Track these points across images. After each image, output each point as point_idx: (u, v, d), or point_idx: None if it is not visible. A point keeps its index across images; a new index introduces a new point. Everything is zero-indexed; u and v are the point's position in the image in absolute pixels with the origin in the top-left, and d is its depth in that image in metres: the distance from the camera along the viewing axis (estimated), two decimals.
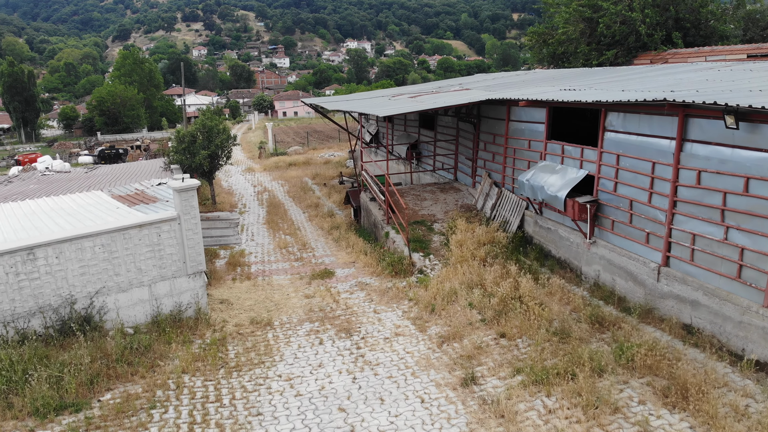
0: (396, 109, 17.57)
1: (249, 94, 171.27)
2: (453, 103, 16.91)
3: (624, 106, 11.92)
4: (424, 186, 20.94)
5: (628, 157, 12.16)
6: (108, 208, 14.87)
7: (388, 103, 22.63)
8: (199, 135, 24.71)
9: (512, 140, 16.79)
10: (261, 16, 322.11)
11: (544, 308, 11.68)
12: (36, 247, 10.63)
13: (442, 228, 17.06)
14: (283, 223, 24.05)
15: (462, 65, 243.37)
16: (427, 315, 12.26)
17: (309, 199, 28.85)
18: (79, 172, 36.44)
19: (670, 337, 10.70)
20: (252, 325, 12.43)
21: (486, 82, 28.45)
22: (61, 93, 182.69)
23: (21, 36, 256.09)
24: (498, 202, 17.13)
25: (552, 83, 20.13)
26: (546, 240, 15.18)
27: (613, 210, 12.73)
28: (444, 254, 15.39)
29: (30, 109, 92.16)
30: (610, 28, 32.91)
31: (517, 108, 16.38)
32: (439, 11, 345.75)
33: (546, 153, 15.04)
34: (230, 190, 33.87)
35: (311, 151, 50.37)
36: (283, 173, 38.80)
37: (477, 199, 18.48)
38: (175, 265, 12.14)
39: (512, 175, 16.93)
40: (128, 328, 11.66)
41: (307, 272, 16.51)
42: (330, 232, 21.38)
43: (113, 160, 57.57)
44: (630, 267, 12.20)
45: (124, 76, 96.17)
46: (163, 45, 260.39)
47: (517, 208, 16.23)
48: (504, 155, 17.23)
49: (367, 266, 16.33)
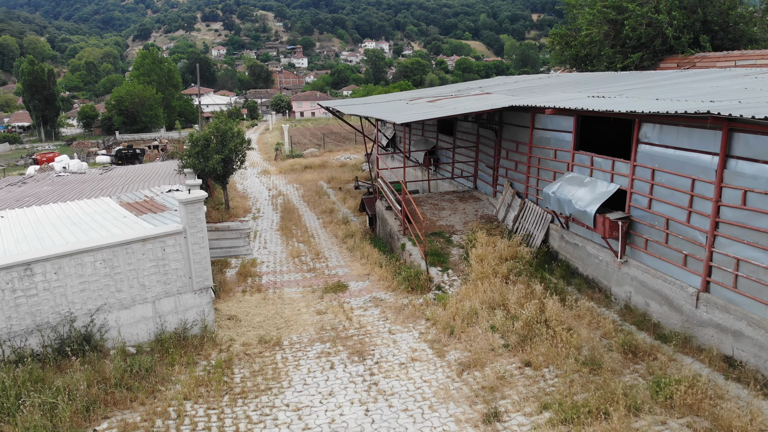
0: (414, 116, 16.83)
1: (267, 94, 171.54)
2: (475, 109, 16.14)
3: (661, 118, 11.06)
4: (443, 194, 20.16)
5: (664, 172, 11.29)
6: (114, 217, 14.34)
7: (405, 107, 21.91)
8: (212, 139, 24.20)
9: (537, 149, 15.96)
10: (280, 16, 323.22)
11: (572, 334, 10.87)
12: (34, 262, 10.08)
13: (461, 240, 16.29)
14: (296, 229, 23.44)
15: (480, 66, 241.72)
16: (445, 338, 11.51)
17: (324, 204, 28.23)
18: (93, 174, 36.27)
19: (709, 370, 9.85)
20: (260, 344, 11.78)
21: (507, 85, 27.59)
22: (81, 92, 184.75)
23: (43, 35, 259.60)
24: (521, 214, 16.31)
25: (578, 88, 19.26)
26: (573, 256, 14.34)
27: (646, 228, 11.87)
28: (463, 269, 14.62)
29: (50, 108, 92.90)
30: (635, 30, 31.95)
31: (542, 115, 15.55)
32: (458, 11, 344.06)
33: (573, 164, 14.20)
34: (245, 193, 33.38)
35: (327, 153, 49.81)
36: (299, 176, 38.25)
37: (498, 210, 17.67)
38: (180, 281, 11.53)
39: (536, 186, 16.10)
40: (130, 346, 11.07)
41: (320, 285, 15.84)
42: (344, 241, 20.71)
43: (130, 160, 57.62)
44: (665, 291, 11.33)
45: (143, 75, 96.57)
46: (183, 44, 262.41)
47: (542, 221, 15.41)
48: (528, 165, 16.41)
49: (382, 280, 15.62)
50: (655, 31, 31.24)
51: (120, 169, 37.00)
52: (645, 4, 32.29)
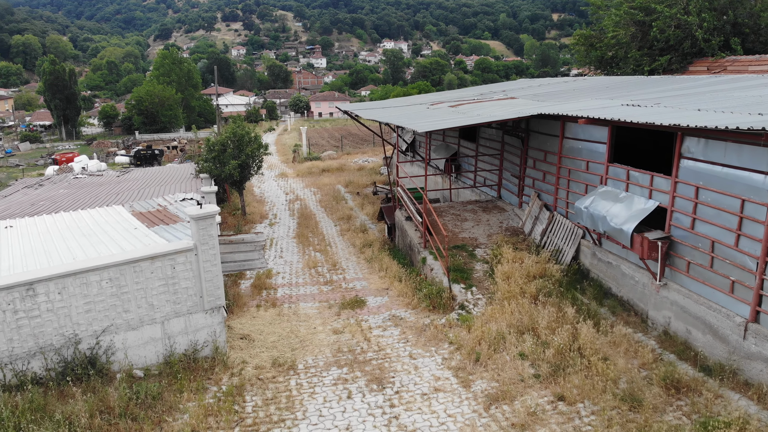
0: (436, 123, 16.09)
1: (286, 94, 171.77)
2: (501, 117, 15.35)
3: (707, 132, 10.21)
4: (465, 204, 19.39)
5: (709, 190, 10.43)
6: (125, 228, 13.84)
7: (426, 112, 21.19)
8: (229, 143, 23.70)
9: (567, 159, 15.14)
10: (299, 16, 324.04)
11: (608, 364, 10.08)
12: (36, 282, 9.55)
13: (485, 255, 15.52)
14: (313, 237, 22.85)
15: (500, 66, 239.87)
16: (470, 365, 10.77)
17: (341, 210, 27.62)
18: (111, 176, 36.09)
19: (758, 408, 9.00)
20: (274, 367, 11.16)
21: (531, 89, 26.73)
22: (102, 91, 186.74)
23: (65, 34, 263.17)
24: (549, 227, 15.50)
25: (608, 94, 18.39)
26: (606, 275, 13.50)
27: (689, 250, 11.01)
28: (488, 287, 13.86)
29: (71, 107, 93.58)
30: (663, 32, 30.97)
31: (573, 124, 14.72)
32: (478, 11, 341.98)
33: (607, 177, 13.36)
34: (262, 197, 32.91)
35: (345, 156, 49.23)
36: (316, 180, 37.71)
37: (524, 222, 16.87)
38: (190, 300, 10.95)
39: (566, 198, 15.26)
40: (137, 369, 10.52)
41: (337, 300, 15.19)
42: (362, 251, 20.05)
43: (149, 161, 57.66)
44: (709, 318, 10.48)
45: (163, 75, 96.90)
46: (203, 44, 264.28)
47: (572, 237, 14.59)
48: (557, 175, 15.58)
49: (401, 295, 14.92)
50: (684, 33, 30.28)
51: (137, 171, 36.78)
52: (674, 6, 31.29)
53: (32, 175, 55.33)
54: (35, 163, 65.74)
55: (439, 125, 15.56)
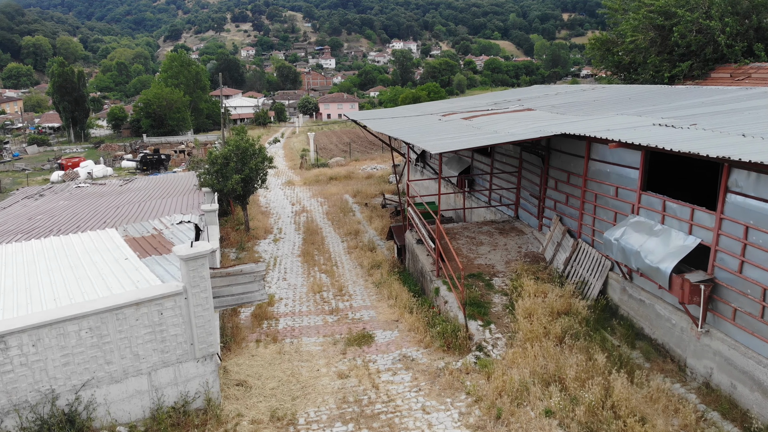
0: (449, 142, 14.94)
1: (295, 95, 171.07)
2: (520, 137, 14.18)
3: (759, 166, 9.03)
4: (480, 225, 18.24)
5: (762, 231, 9.25)
6: (115, 258, 12.85)
7: (438, 126, 20.08)
8: (232, 157, 22.68)
9: (593, 183, 13.96)
10: (308, 16, 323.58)
11: (646, 428, 8.93)
12: (8, 334, 8.55)
13: (504, 285, 14.38)
14: (319, 255, 21.81)
15: (510, 66, 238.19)
16: (491, 423, 9.65)
17: (349, 223, 26.57)
18: (114, 185, 35.27)
19: None
20: (272, 422, 10.09)
21: (548, 98, 25.54)
22: (112, 92, 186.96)
23: (75, 35, 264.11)
24: (574, 256, 14.34)
25: (633, 107, 17.20)
26: (638, 314, 12.33)
27: (735, 295, 9.83)
28: (508, 324, 12.73)
29: (79, 109, 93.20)
30: (684, 37, 29.77)
31: (600, 144, 13.55)
32: (487, 11, 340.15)
33: (639, 206, 12.19)
34: (267, 208, 31.93)
35: (353, 162, 48.18)
36: (323, 189, 36.70)
37: (545, 248, 15.71)
38: (180, 348, 9.91)
39: (592, 225, 14.09)
40: (121, 426, 9.50)
41: (343, 333, 14.12)
42: (370, 273, 18.98)
43: (155, 165, 56.99)
44: (758, 374, 9.30)
45: (171, 78, 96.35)
46: (213, 45, 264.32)
47: (600, 268, 13.42)
48: (581, 200, 14.41)
49: (412, 330, 13.82)
50: (706, 39, 29.12)
51: (140, 180, 35.95)
52: (695, 10, 30.07)
53: (37, 180, 54.78)
54: (41, 167, 65.17)
55: (453, 145, 14.44)
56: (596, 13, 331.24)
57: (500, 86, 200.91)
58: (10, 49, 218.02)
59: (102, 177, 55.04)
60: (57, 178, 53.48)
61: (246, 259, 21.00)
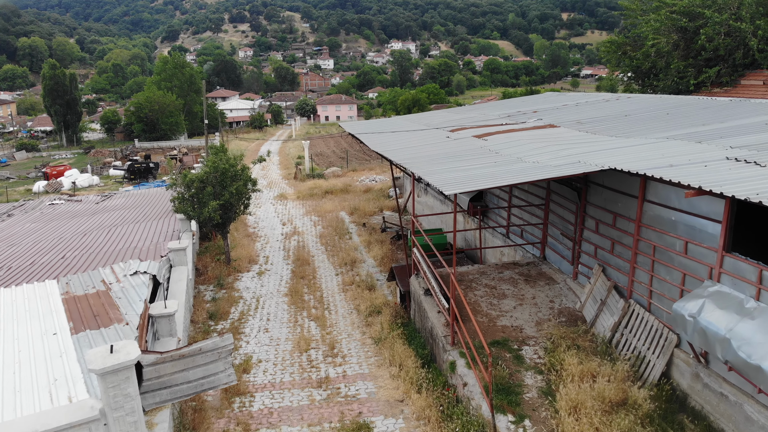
0: (468, 180, 11.86)
1: (293, 97, 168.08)
2: (558, 173, 11.17)
3: None
4: (500, 269, 15.25)
5: None
6: (42, 331, 9.94)
7: (447, 146, 17.16)
8: (210, 180, 19.68)
9: (650, 232, 11.00)
10: (306, 17, 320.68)
11: None
12: None
13: (537, 358, 11.42)
14: (309, 294, 18.88)
15: (509, 66, 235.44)
16: None
17: (345, 250, 23.65)
18: (90, 202, 32.49)
19: None
20: None
21: (569, 111, 22.60)
22: (108, 94, 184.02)
23: (72, 36, 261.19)
24: (624, 321, 11.38)
25: (678, 126, 14.29)
26: (717, 411, 9.36)
27: None
28: (547, 419, 9.77)
29: (71, 113, 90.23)
30: (712, 40, 27.04)
31: (660, 183, 10.60)
32: (486, 11, 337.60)
33: (721, 271, 9.22)
34: (255, 228, 29.00)
35: (350, 173, 45.22)
36: (318, 204, 33.76)
37: (584, 304, 12.75)
38: None
39: (649, 283, 11.12)
40: None
41: (333, 420, 11.17)
42: (368, 322, 16.04)
43: (143, 174, 54.15)
44: None
45: (165, 81, 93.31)
46: (210, 46, 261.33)
47: (661, 343, 10.47)
48: (633, 250, 11.45)
49: (422, 419, 10.87)
50: (735, 42, 26.45)
51: (119, 196, 33.06)
52: (723, 11, 27.30)
53: (19, 191, 51.82)
54: (26, 175, 62.16)
55: (471, 182, 11.41)
56: (596, 13, 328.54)
57: (500, 86, 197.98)
58: (5, 51, 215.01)
59: (87, 186, 52.16)
60: (39, 189, 50.53)
61: (223, 301, 18.03)
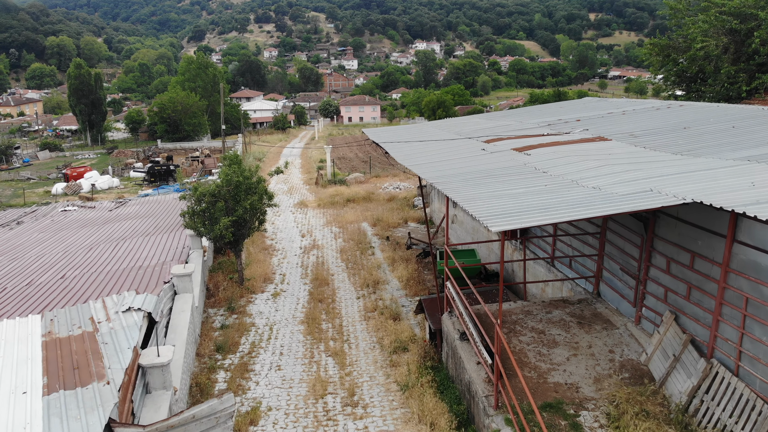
0: (517, 213, 9.89)
1: (316, 97, 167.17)
2: (629, 206, 9.16)
3: None
4: (548, 307, 13.27)
5: None
6: (12, 388, 8.34)
7: (484, 161, 15.27)
8: (223, 194, 18.03)
9: (742, 280, 8.98)
10: (331, 17, 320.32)
11: None
12: None
13: (599, 427, 9.42)
14: (327, 321, 17.14)
15: (535, 67, 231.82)
16: None
17: (367, 268, 21.89)
18: (103, 209, 31.31)
19: None
20: None
21: (615, 120, 20.56)
22: (134, 93, 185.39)
23: (100, 35, 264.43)
24: (704, 386, 9.37)
25: (756, 144, 12.21)
26: None
27: None
28: None
29: (96, 112, 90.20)
30: (766, 44, 24.80)
31: (755, 223, 8.59)
32: (512, 11, 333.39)
33: None
34: (273, 240, 27.41)
35: (373, 179, 43.49)
36: (339, 213, 32.09)
37: (650, 357, 10.74)
38: None
39: (738, 342, 9.09)
40: None
41: None
42: (393, 362, 14.20)
43: (163, 177, 53.29)
44: None
45: (189, 81, 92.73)
46: (236, 46, 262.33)
47: (755, 417, 8.45)
48: (718, 299, 9.42)
49: None
50: None
51: (133, 205, 31.78)
52: None
53: (38, 193, 51.17)
54: (47, 176, 61.67)
55: (525, 218, 9.40)
56: (624, 13, 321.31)
57: (526, 87, 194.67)
58: (34, 50, 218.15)
59: (107, 189, 51.35)
60: (58, 191, 49.81)
61: (233, 330, 16.37)
